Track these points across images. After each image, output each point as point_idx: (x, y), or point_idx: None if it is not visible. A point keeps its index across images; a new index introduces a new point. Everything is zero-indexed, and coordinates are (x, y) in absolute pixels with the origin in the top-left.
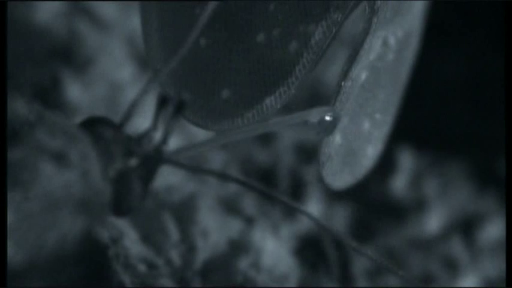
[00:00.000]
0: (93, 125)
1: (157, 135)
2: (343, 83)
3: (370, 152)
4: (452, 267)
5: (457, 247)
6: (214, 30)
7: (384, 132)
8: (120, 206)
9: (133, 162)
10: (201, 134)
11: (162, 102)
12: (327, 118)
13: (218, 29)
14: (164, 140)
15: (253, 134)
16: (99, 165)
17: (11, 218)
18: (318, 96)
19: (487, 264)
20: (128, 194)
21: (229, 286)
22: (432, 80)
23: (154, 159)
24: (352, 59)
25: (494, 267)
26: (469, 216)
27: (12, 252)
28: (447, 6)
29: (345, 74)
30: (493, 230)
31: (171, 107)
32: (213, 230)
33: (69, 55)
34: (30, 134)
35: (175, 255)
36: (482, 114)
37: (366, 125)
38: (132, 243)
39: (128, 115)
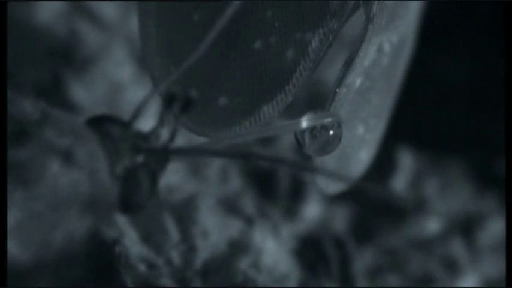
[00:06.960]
0: (100, 123)
1: (164, 133)
2: (337, 90)
3: (363, 157)
4: (452, 267)
5: (457, 247)
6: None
7: (377, 136)
8: (128, 203)
9: (141, 159)
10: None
11: (169, 99)
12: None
13: (216, 36)
14: (172, 137)
15: (253, 138)
16: (106, 164)
17: (17, 216)
18: (318, 96)
19: (487, 264)
20: (136, 191)
21: (229, 286)
22: (432, 80)
23: (162, 156)
24: (347, 65)
25: (494, 267)
26: (469, 216)
27: (19, 251)
28: (447, 6)
29: (339, 81)
30: (493, 230)
31: (178, 105)
32: (213, 230)
33: (69, 55)
34: (38, 132)
35: (175, 255)
36: (482, 114)
37: (360, 130)
38: (132, 243)
39: (137, 113)
